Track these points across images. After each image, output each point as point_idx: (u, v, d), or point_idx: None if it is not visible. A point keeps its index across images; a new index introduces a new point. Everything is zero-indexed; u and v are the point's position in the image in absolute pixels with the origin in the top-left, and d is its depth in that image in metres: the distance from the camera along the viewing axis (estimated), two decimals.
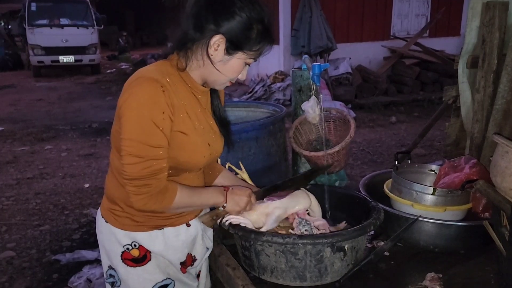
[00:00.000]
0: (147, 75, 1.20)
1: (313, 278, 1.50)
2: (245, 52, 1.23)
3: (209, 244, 1.56)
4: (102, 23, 13.25)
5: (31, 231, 3.47)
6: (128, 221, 1.33)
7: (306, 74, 2.33)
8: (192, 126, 1.28)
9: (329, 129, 2.26)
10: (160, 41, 20.33)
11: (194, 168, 1.37)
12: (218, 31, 1.19)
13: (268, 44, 1.26)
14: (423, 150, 5.14)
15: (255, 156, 2.24)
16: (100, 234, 1.41)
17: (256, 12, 1.20)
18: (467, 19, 2.28)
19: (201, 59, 1.25)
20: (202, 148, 1.32)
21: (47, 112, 8.13)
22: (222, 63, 1.24)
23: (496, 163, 1.37)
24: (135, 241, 1.34)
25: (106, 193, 1.41)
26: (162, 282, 1.40)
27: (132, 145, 1.17)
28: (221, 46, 1.21)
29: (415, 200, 1.82)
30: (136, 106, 1.16)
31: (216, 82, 1.31)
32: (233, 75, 1.29)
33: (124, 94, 1.20)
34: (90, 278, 2.73)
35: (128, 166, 1.18)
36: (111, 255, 1.38)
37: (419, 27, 9.52)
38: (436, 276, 1.59)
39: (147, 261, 1.36)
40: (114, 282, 1.41)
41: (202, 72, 1.28)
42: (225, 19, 1.18)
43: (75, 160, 5.30)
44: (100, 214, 1.41)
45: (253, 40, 1.22)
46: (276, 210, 1.54)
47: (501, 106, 2.06)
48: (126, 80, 1.25)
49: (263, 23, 1.22)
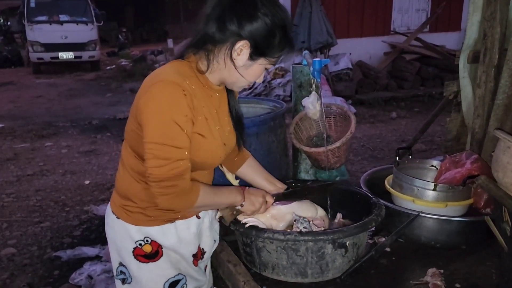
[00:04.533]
0: (168, 79, 1.19)
1: (315, 275, 1.50)
2: (267, 58, 1.24)
3: (216, 237, 1.58)
4: (101, 20, 13.21)
5: (31, 228, 3.48)
6: (142, 216, 1.34)
7: (306, 69, 2.32)
8: (209, 129, 1.29)
9: (329, 125, 2.25)
10: (160, 37, 20.27)
11: (209, 167, 1.40)
12: (240, 34, 1.19)
13: (290, 50, 1.27)
14: (424, 146, 5.13)
15: (256, 152, 2.23)
16: (111, 230, 1.41)
17: (279, 18, 1.20)
18: (468, 14, 2.27)
19: (223, 62, 1.25)
20: (218, 149, 1.34)
21: (47, 109, 8.12)
22: (244, 68, 1.25)
23: (497, 159, 1.37)
24: (148, 237, 1.35)
25: (117, 189, 1.41)
26: (174, 278, 1.40)
27: (157, 148, 1.17)
28: (245, 51, 1.21)
29: (416, 195, 1.82)
30: (159, 110, 1.16)
31: (234, 84, 1.32)
32: (253, 79, 1.30)
33: (145, 96, 1.20)
34: (91, 275, 2.73)
35: (154, 169, 1.18)
36: (123, 251, 1.38)
37: (419, 22, 9.48)
38: (438, 272, 1.59)
39: (159, 256, 1.36)
40: (125, 278, 1.41)
41: (222, 74, 1.29)
42: (249, 22, 1.18)
43: (75, 157, 5.30)
44: (111, 210, 1.40)
45: (276, 46, 1.23)
46: (287, 215, 1.56)
47: (502, 101, 2.05)
48: (143, 81, 1.25)
49: (285, 29, 1.22)
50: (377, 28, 9.23)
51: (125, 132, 1.33)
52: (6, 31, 19.69)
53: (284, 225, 1.56)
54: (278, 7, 1.21)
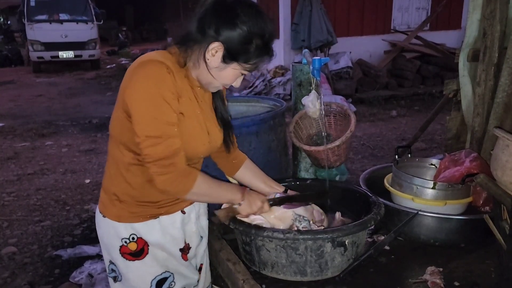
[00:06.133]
0: (151, 58, 1.22)
1: (314, 273, 1.51)
2: (241, 64, 1.25)
3: (203, 233, 1.57)
4: (101, 18, 13.19)
5: (32, 226, 3.48)
6: (125, 212, 1.35)
7: (306, 68, 2.32)
8: (192, 111, 1.30)
9: (329, 124, 2.25)
10: (160, 36, 20.27)
11: (193, 155, 1.37)
12: (217, 38, 1.20)
13: (266, 59, 1.27)
14: (424, 144, 5.13)
15: (256, 151, 2.24)
16: (99, 229, 1.43)
17: (258, 28, 1.21)
18: (468, 12, 2.27)
19: (197, 61, 1.27)
20: (202, 135, 1.33)
21: (47, 107, 8.12)
22: (217, 70, 1.26)
23: (496, 157, 1.37)
24: (133, 234, 1.35)
25: (103, 186, 1.42)
26: (161, 275, 1.41)
27: (148, 125, 1.18)
28: (219, 53, 1.23)
29: (416, 194, 1.82)
30: (144, 86, 1.18)
31: (209, 85, 1.33)
32: (226, 82, 1.31)
33: (129, 77, 1.21)
34: (91, 273, 2.74)
35: (150, 149, 1.19)
36: (111, 249, 1.39)
37: (419, 20, 9.47)
38: (437, 270, 1.59)
39: (145, 254, 1.37)
40: (116, 276, 1.43)
41: (197, 73, 1.30)
42: (226, 28, 1.19)
43: (75, 156, 5.30)
44: (98, 209, 1.42)
45: (251, 53, 1.23)
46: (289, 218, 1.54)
47: (502, 99, 2.05)
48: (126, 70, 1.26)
49: (263, 39, 1.23)
50: (377, 26, 9.22)
51: (110, 122, 1.33)
52: (6, 30, 19.70)
53: (287, 225, 1.55)
54: (260, 17, 1.22)
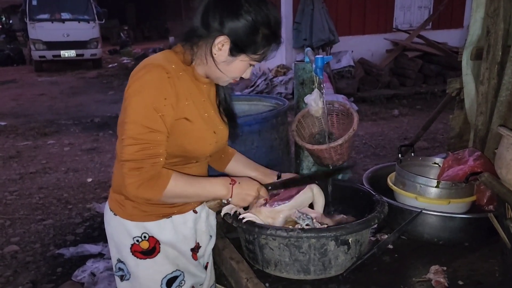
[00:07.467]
0: (153, 62, 1.22)
1: (317, 271, 1.50)
2: (249, 55, 1.24)
3: (212, 233, 1.57)
4: (103, 17, 13.21)
5: (34, 225, 3.49)
6: (136, 211, 1.34)
7: (308, 67, 2.31)
8: (197, 113, 1.29)
9: (332, 122, 2.25)
10: (162, 35, 20.26)
11: (201, 156, 1.37)
12: (222, 31, 1.19)
13: (275, 47, 1.26)
14: (426, 143, 5.12)
15: (258, 150, 2.24)
16: (109, 227, 1.41)
17: (263, 16, 1.19)
18: (472, 10, 2.26)
19: (204, 57, 1.26)
20: (208, 135, 1.33)
21: (49, 106, 8.14)
22: (225, 64, 1.25)
23: (501, 155, 1.36)
24: (145, 232, 1.35)
25: (113, 185, 1.42)
26: (172, 274, 1.41)
27: (132, 127, 1.18)
28: (225, 46, 1.22)
29: (419, 193, 1.82)
30: (139, 91, 1.19)
31: (219, 80, 1.33)
32: (236, 75, 1.30)
33: (130, 81, 1.22)
34: (94, 272, 2.74)
35: (126, 148, 1.19)
36: (121, 248, 1.38)
37: (422, 19, 9.45)
38: (440, 269, 1.59)
39: (157, 253, 1.37)
40: (123, 275, 1.42)
41: (205, 68, 1.30)
42: (231, 20, 1.18)
43: (77, 155, 5.31)
44: (108, 207, 1.41)
45: (258, 43, 1.22)
46: (280, 214, 1.53)
47: (505, 98, 2.04)
48: (130, 74, 1.26)
49: (270, 27, 1.21)
50: (379, 25, 9.21)
51: (117, 125, 1.32)
52: (8, 29, 19.73)
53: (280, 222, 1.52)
54: (264, 4, 1.21)
